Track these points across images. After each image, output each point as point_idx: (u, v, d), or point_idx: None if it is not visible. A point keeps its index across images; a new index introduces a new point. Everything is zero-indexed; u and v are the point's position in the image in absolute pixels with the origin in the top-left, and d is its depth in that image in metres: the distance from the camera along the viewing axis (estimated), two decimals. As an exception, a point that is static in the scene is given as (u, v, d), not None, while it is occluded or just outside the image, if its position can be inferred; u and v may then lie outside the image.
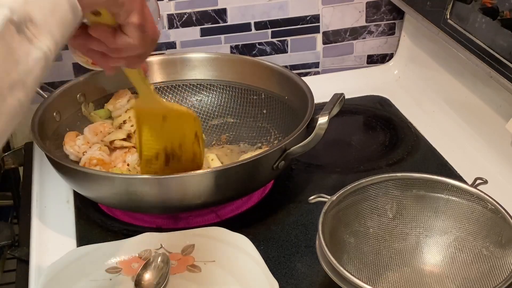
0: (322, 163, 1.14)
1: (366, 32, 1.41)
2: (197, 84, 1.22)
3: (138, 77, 0.90)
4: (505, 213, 0.83)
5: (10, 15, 0.56)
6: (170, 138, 0.97)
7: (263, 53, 1.38)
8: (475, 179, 0.89)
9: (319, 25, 1.38)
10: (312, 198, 0.88)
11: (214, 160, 1.09)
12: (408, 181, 0.90)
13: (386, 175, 0.90)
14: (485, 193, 0.86)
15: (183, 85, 1.22)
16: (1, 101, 0.55)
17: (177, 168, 0.97)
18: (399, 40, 1.41)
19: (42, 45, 0.59)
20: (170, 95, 1.22)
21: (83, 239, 0.99)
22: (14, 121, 0.58)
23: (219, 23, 1.34)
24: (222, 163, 1.09)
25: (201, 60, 1.22)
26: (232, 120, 1.20)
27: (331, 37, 1.40)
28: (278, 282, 0.86)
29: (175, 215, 1.02)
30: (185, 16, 1.32)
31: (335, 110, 1.02)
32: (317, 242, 0.84)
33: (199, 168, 1.00)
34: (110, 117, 1.16)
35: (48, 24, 0.60)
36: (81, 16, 0.65)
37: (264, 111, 1.19)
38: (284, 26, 1.37)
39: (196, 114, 0.99)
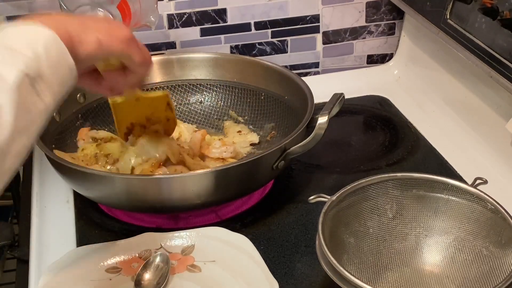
0: (322, 163, 1.14)
1: (366, 32, 1.41)
2: (197, 84, 1.22)
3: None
4: (505, 213, 0.83)
5: (27, 70, 0.64)
6: (143, 112, 1.01)
7: (263, 53, 1.38)
8: (475, 179, 0.89)
9: (319, 25, 1.38)
10: (312, 198, 0.88)
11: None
12: (408, 181, 0.90)
13: (386, 175, 0.90)
14: (485, 193, 0.86)
15: (183, 85, 1.22)
16: (11, 141, 0.62)
17: (153, 131, 1.02)
18: (399, 40, 1.41)
19: (46, 100, 0.67)
20: (170, 95, 1.22)
21: (83, 239, 0.99)
22: (19, 161, 0.65)
23: (219, 23, 1.34)
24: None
25: (201, 60, 1.22)
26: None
27: (331, 37, 1.40)
28: (278, 282, 0.86)
29: (175, 215, 1.02)
30: (185, 16, 1.32)
31: (335, 110, 1.02)
32: (317, 242, 0.84)
33: (174, 127, 1.05)
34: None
35: (52, 82, 0.68)
36: (76, 77, 0.72)
37: (264, 111, 1.19)
38: (284, 26, 1.37)
39: (166, 91, 1.04)
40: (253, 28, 1.36)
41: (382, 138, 1.21)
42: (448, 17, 1.11)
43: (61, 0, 1.02)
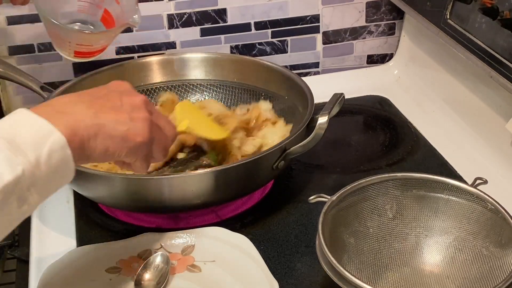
0: (322, 163, 1.14)
1: (366, 32, 1.41)
2: (197, 84, 1.22)
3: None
4: (505, 213, 0.83)
5: (23, 178, 0.64)
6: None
7: (263, 53, 1.38)
8: (475, 179, 0.89)
9: (319, 25, 1.38)
10: (312, 198, 0.88)
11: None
12: (408, 181, 0.90)
13: (386, 175, 0.90)
14: (485, 193, 0.86)
15: (183, 85, 1.22)
16: None
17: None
18: (399, 40, 1.41)
19: (32, 202, 0.67)
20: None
21: (83, 239, 0.99)
22: None
23: (219, 23, 1.34)
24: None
25: (201, 60, 1.22)
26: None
27: (331, 37, 1.40)
28: (278, 282, 0.86)
29: (175, 215, 1.02)
30: (185, 16, 1.32)
31: (335, 110, 1.02)
32: (317, 242, 0.84)
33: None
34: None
35: (44, 187, 0.68)
36: (72, 178, 0.72)
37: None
38: (284, 26, 1.37)
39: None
40: (253, 28, 1.36)
41: (382, 138, 1.21)
42: (448, 17, 1.11)
43: (43, 13, 1.01)
